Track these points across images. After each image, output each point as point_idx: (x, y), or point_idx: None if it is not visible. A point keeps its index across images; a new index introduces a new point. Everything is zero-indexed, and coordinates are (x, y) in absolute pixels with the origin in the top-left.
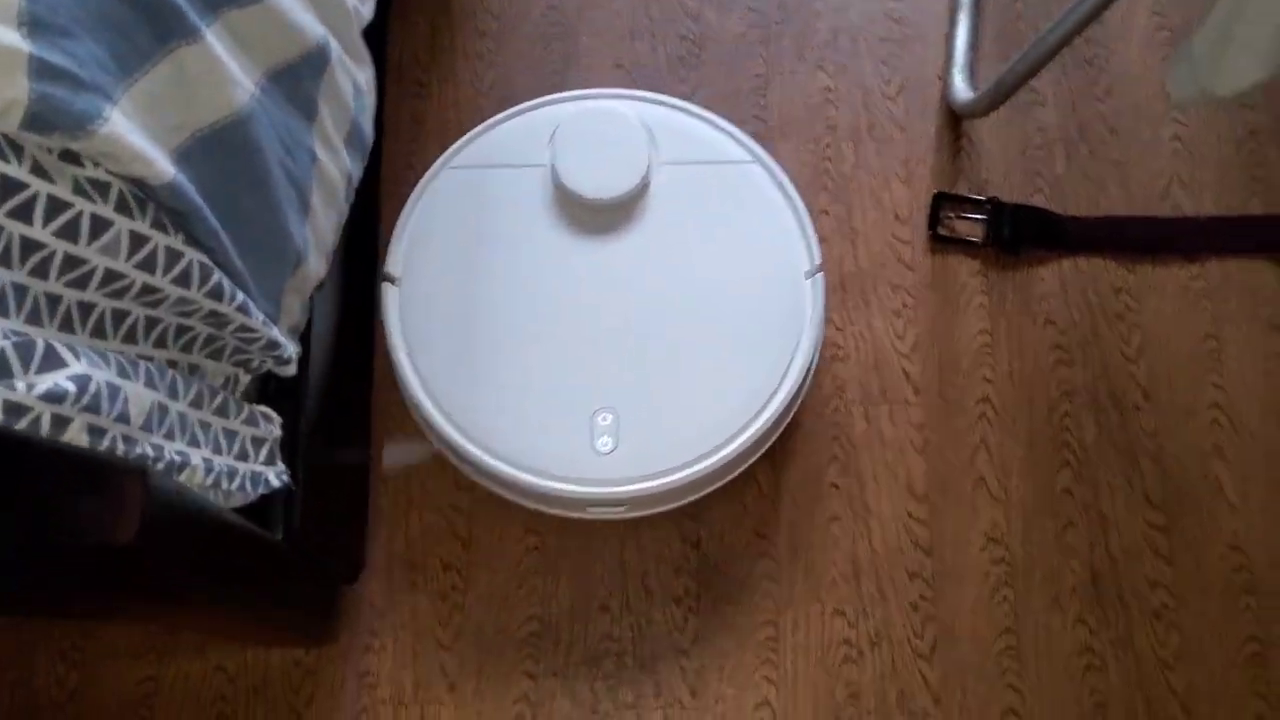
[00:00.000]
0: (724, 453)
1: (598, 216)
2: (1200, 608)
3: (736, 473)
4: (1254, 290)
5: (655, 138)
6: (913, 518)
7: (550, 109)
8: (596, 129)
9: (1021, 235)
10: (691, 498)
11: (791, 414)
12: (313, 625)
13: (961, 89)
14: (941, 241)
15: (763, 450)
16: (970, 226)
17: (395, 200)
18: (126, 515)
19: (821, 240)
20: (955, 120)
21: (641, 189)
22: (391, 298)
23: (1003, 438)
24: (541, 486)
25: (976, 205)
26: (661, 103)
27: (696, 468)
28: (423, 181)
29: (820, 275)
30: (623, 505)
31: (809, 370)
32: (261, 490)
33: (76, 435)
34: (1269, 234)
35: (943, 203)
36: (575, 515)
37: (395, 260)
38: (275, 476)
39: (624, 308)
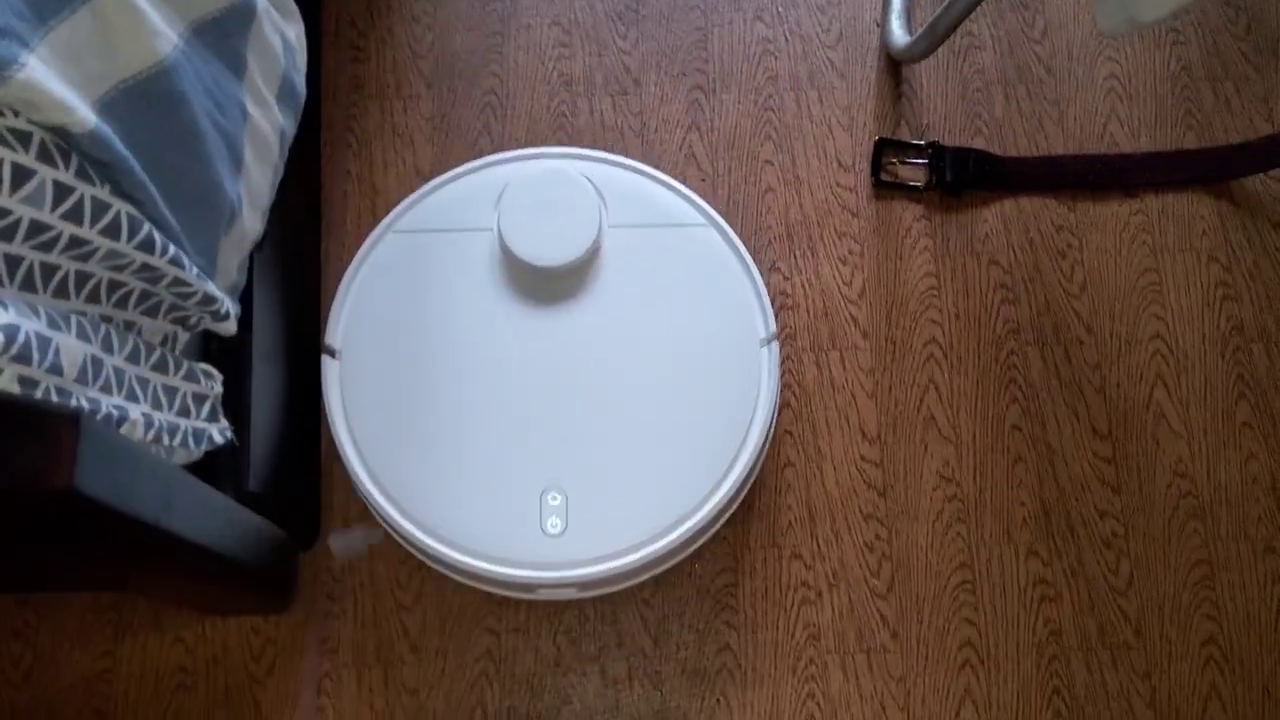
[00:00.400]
0: (678, 532)
1: (546, 283)
2: (1149, 534)
3: (692, 550)
4: (1191, 223)
5: (606, 200)
6: (865, 460)
7: (498, 169)
8: (545, 191)
9: (963, 177)
10: (645, 577)
11: (747, 488)
12: (270, 591)
13: (899, 34)
14: (885, 187)
15: (718, 526)
16: (913, 171)
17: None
18: (61, 460)
19: (766, 190)
20: (895, 66)
21: (592, 254)
22: (332, 372)
23: (951, 377)
24: (487, 571)
25: (918, 150)
26: (613, 163)
27: (649, 549)
28: (364, 247)
29: (775, 343)
30: (573, 587)
31: (765, 442)
32: (205, 447)
33: (7, 386)
34: (1204, 166)
35: (885, 148)
36: (524, 597)
37: (335, 332)
38: (219, 433)
39: (574, 379)
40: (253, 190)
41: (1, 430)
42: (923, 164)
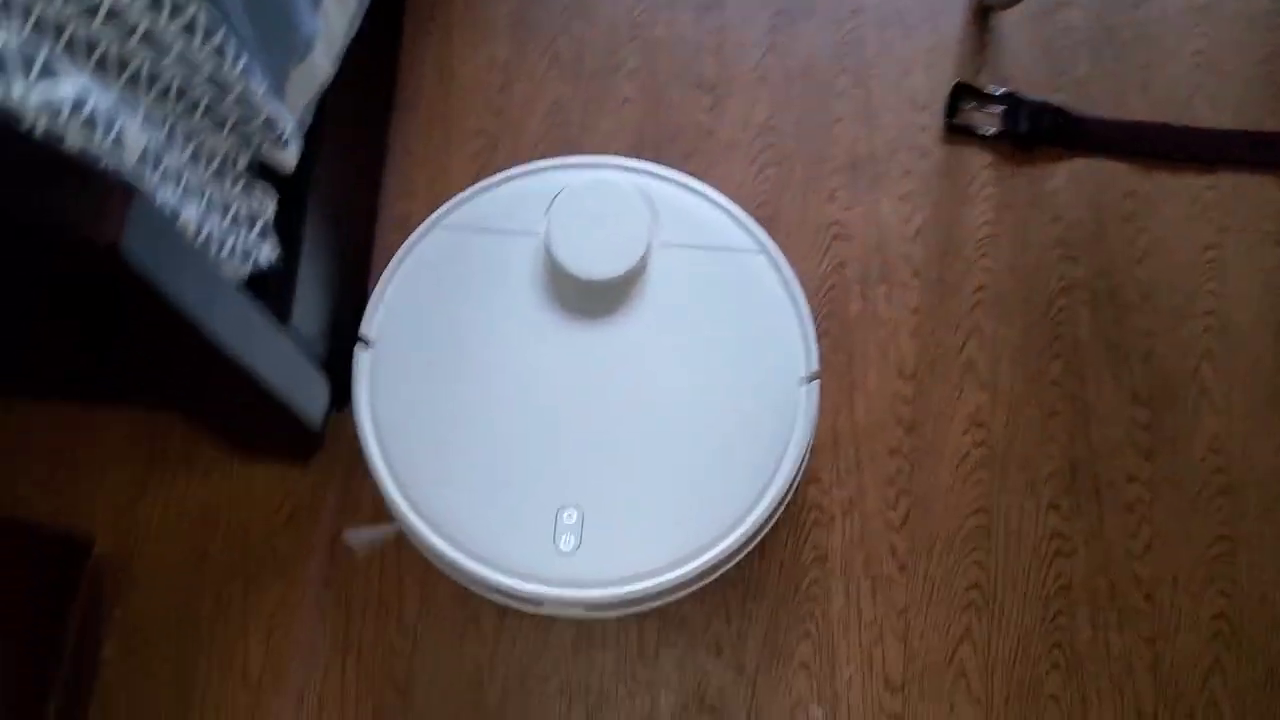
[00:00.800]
0: (688, 567)
1: (588, 296)
2: (1174, 504)
3: (699, 586)
4: (1261, 205)
5: (658, 216)
6: (898, 396)
7: (553, 174)
8: (597, 202)
9: (1038, 131)
10: (652, 605)
11: (766, 531)
12: (299, 437)
13: None
14: (957, 132)
15: (729, 567)
16: (987, 119)
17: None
18: (111, 216)
19: (836, 120)
20: (983, 13)
21: (638, 271)
22: (364, 362)
23: (997, 325)
24: (493, 580)
25: (995, 99)
26: (671, 180)
27: (658, 579)
28: (409, 240)
29: (816, 383)
30: (580, 606)
31: (791, 487)
32: (251, 265)
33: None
34: None
35: (962, 93)
36: (530, 610)
37: (371, 322)
38: (267, 252)
39: (604, 397)
40: (329, 31)
41: (59, 179)
42: (998, 113)
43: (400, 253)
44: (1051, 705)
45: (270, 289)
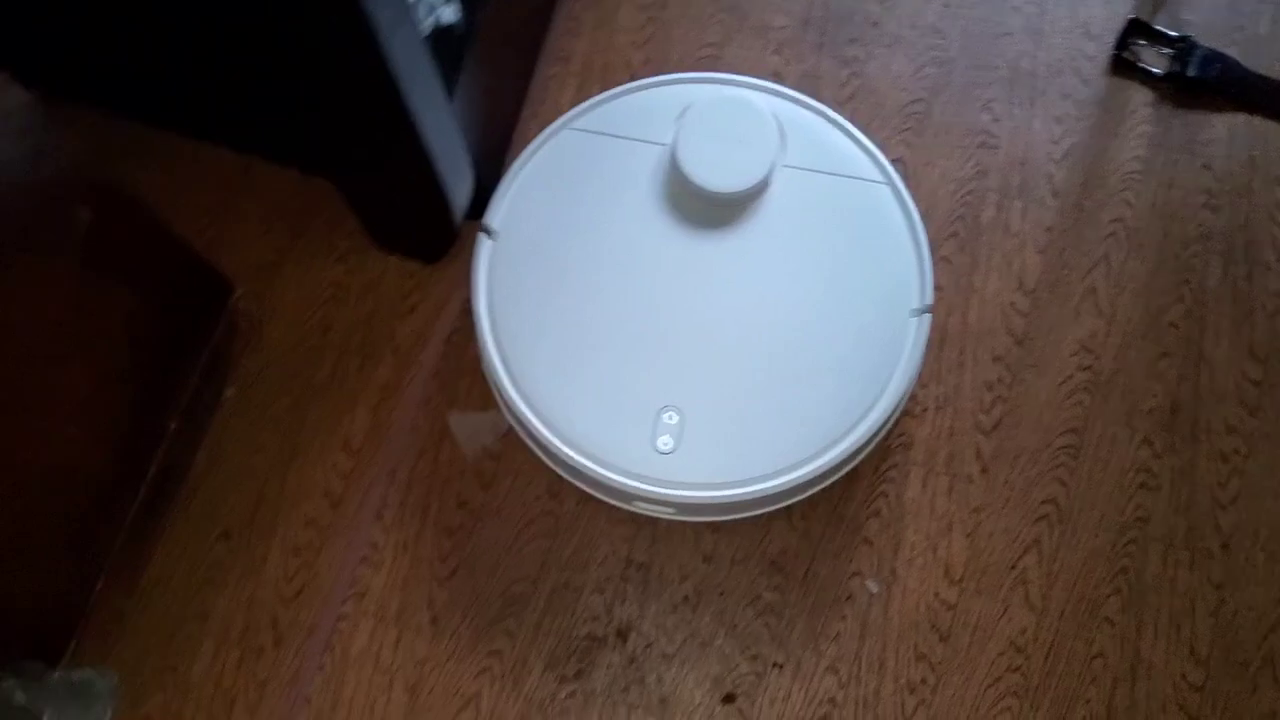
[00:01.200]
0: (780, 480)
1: (709, 209)
2: (1270, 462)
3: (790, 502)
4: None
5: (787, 137)
6: (1014, 308)
7: (686, 87)
8: (727, 117)
9: (1205, 79)
10: (741, 515)
11: (856, 461)
12: (439, 229)
13: None
14: (1123, 66)
15: (818, 489)
16: (1155, 58)
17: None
18: None
19: (1005, 34)
20: None
21: (760, 189)
22: (484, 251)
23: (1126, 259)
24: (590, 470)
25: (1168, 40)
26: (805, 104)
27: (750, 489)
28: (539, 138)
29: (928, 316)
30: (671, 507)
31: (891, 416)
32: (433, 21)
33: None
34: None
35: (1136, 29)
36: (621, 505)
37: (496, 213)
38: (450, 14)
39: (715, 308)
40: None
41: None
42: (1168, 54)
43: (528, 150)
44: (1106, 627)
45: (442, 63)
